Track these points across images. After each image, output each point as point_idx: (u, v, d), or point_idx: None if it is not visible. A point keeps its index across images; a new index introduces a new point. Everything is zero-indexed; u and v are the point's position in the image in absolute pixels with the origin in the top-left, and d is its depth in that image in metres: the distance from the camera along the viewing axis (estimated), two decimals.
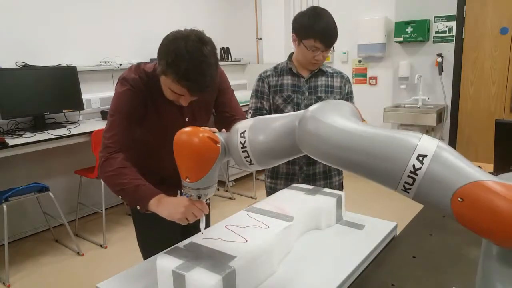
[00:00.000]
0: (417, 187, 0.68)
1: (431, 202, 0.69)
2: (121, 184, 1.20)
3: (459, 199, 0.64)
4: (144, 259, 1.41)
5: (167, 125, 1.38)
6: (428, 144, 0.69)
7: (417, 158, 0.68)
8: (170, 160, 1.17)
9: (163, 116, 1.38)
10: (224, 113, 1.51)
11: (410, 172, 0.68)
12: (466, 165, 0.67)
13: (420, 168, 0.67)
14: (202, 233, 1.09)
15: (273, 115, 0.98)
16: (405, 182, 0.69)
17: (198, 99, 1.39)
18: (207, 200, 1.07)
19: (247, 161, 0.95)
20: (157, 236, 1.45)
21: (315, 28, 1.62)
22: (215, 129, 1.03)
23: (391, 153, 0.71)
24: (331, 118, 0.81)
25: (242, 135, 0.95)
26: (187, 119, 1.43)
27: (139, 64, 1.37)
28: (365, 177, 0.78)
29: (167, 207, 1.12)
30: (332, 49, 1.71)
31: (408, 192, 0.70)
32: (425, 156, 0.67)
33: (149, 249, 1.44)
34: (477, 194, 0.63)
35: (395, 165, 0.70)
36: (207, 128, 1.00)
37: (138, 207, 1.18)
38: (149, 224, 1.51)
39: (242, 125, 0.97)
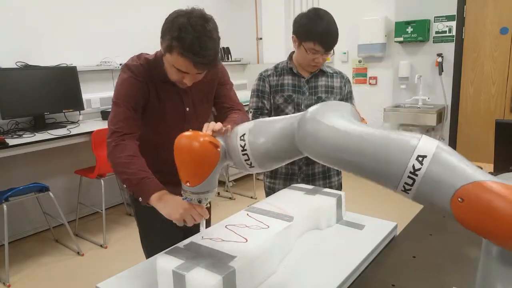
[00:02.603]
0: (417, 187, 0.68)
1: (430, 203, 0.69)
2: (127, 173, 1.22)
3: (459, 199, 0.64)
4: (147, 258, 1.42)
5: (168, 114, 1.40)
6: (427, 145, 0.69)
7: (417, 159, 0.68)
8: (170, 154, 1.18)
9: (165, 105, 1.39)
10: (222, 104, 1.53)
11: (410, 173, 0.68)
12: (466, 166, 0.67)
13: (419, 169, 0.67)
14: (203, 237, 1.09)
15: (272, 118, 0.98)
16: (405, 183, 0.69)
17: (198, 89, 1.42)
18: (207, 204, 1.07)
19: (247, 164, 0.94)
20: (160, 235, 1.46)
21: (315, 31, 1.60)
22: (220, 125, 1.02)
23: (391, 155, 0.71)
24: (331, 120, 0.81)
25: (242, 138, 0.94)
26: (187, 109, 1.44)
27: (140, 53, 1.40)
28: (365, 178, 0.78)
29: (167, 205, 1.13)
30: (332, 52, 1.69)
31: (408, 193, 0.70)
32: (425, 156, 0.67)
33: (152, 248, 1.44)
34: (476, 195, 0.63)
35: (395, 166, 0.70)
36: (209, 128, 1.01)
37: (140, 199, 1.20)
38: (152, 223, 1.51)
39: (241, 128, 0.97)
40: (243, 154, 0.94)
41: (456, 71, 4.06)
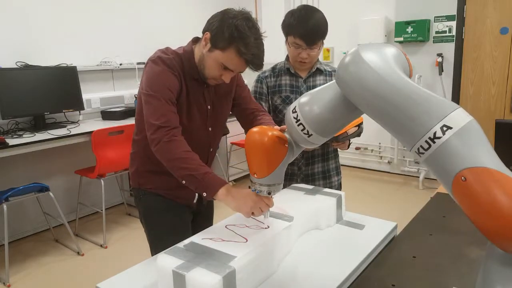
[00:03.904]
0: (429, 154, 0.69)
1: (436, 172, 0.70)
2: (189, 169, 1.20)
3: (462, 178, 0.65)
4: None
5: (193, 111, 1.40)
6: (458, 118, 0.68)
7: (442, 128, 0.68)
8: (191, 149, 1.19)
9: (191, 102, 1.38)
10: (246, 105, 1.54)
11: (429, 138, 0.68)
12: (485, 150, 0.66)
13: (439, 138, 0.67)
14: (268, 226, 1.14)
15: (319, 88, 1.00)
16: (421, 146, 0.70)
17: (218, 88, 1.44)
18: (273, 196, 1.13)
19: (304, 133, 0.97)
20: (170, 237, 1.44)
21: (295, 25, 1.60)
22: (284, 127, 1.07)
23: (420, 115, 0.70)
24: (374, 61, 0.79)
25: (294, 110, 0.98)
26: (208, 107, 1.44)
27: (167, 47, 1.37)
28: (386, 128, 0.78)
29: (235, 199, 1.15)
30: (319, 47, 1.66)
31: (420, 156, 0.71)
32: (450, 128, 0.67)
33: (160, 248, 1.43)
34: (479, 179, 0.63)
35: (418, 127, 0.70)
36: (276, 127, 1.09)
37: (205, 194, 1.19)
38: (162, 225, 1.50)
39: (292, 105, 1.01)
40: (298, 125, 0.97)
41: (456, 71, 4.06)
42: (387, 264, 1.14)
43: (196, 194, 1.51)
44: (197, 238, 1.08)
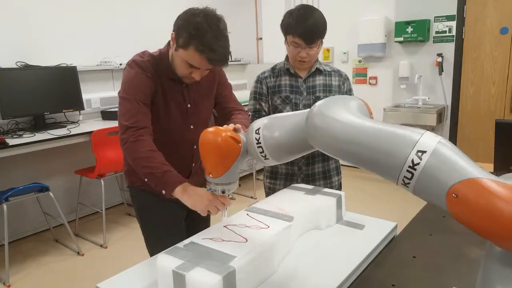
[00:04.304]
0: (415, 181, 0.70)
1: (428, 197, 0.71)
2: (150, 167, 1.25)
3: (453, 195, 0.66)
4: (151, 256, 1.42)
5: (171, 111, 1.43)
6: (428, 141, 0.70)
7: (416, 154, 0.69)
8: (172, 150, 1.17)
9: (169, 101, 1.42)
10: (226, 107, 1.58)
11: (409, 167, 0.70)
12: (464, 162, 0.67)
13: (418, 164, 0.69)
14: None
15: (286, 113, 1.05)
16: (405, 177, 0.71)
17: (199, 86, 1.46)
18: (231, 196, 1.12)
19: (262, 156, 1.02)
20: (164, 233, 1.49)
21: (293, 24, 1.61)
22: (239, 126, 1.11)
23: (393, 148, 0.73)
24: (337, 113, 0.85)
25: (257, 131, 1.02)
26: (189, 105, 1.47)
27: (144, 51, 1.43)
28: (368, 171, 0.81)
29: (191, 197, 1.19)
30: (318, 46, 1.66)
31: (408, 187, 0.72)
32: (425, 152, 0.69)
33: (156, 246, 1.45)
34: (470, 191, 0.64)
35: (395, 159, 0.72)
36: (230, 127, 1.09)
37: (164, 192, 1.24)
38: (155, 221, 1.54)
39: (257, 124, 1.04)
40: (258, 147, 1.01)
41: (456, 71, 4.06)
42: (387, 264, 1.14)
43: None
44: (197, 238, 1.08)
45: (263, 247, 1.03)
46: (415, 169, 0.69)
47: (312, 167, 1.80)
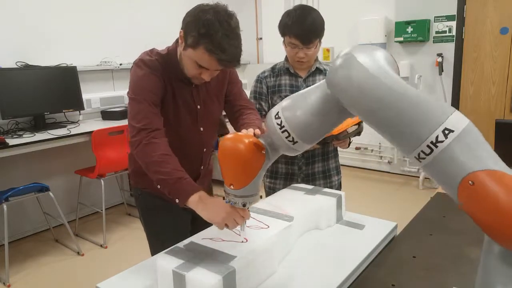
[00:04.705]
0: (432, 158, 0.66)
1: (439, 177, 0.67)
2: (162, 173, 1.15)
3: (469, 182, 0.63)
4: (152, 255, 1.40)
5: (181, 112, 1.36)
6: (458, 120, 0.66)
7: (443, 131, 0.65)
8: (182, 152, 1.13)
9: (178, 102, 1.35)
10: (234, 102, 1.50)
11: (431, 142, 0.66)
12: (491, 152, 0.65)
13: (442, 142, 0.65)
14: (243, 240, 1.06)
15: (300, 91, 0.96)
16: (422, 151, 0.67)
17: (209, 87, 1.40)
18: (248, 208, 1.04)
19: (289, 141, 0.92)
20: (168, 237, 1.43)
21: (290, 24, 1.60)
22: (258, 131, 1.01)
23: (420, 118, 0.67)
24: (370, 65, 0.75)
25: (276, 116, 0.93)
26: (198, 107, 1.41)
27: (152, 49, 1.36)
28: (382, 133, 0.74)
29: (207, 208, 1.07)
30: (316, 46, 1.65)
31: (421, 161, 0.68)
32: (452, 131, 0.65)
33: (159, 247, 1.44)
34: (491, 183, 0.62)
35: (419, 131, 0.67)
36: (250, 132, 0.99)
37: (177, 201, 1.13)
38: (160, 224, 1.51)
39: (274, 109, 0.96)
40: (282, 132, 0.91)
41: (456, 71, 4.06)
42: (387, 264, 1.14)
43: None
44: (197, 238, 1.08)
45: (263, 247, 1.03)
46: (436, 146, 0.65)
47: (312, 167, 1.80)
